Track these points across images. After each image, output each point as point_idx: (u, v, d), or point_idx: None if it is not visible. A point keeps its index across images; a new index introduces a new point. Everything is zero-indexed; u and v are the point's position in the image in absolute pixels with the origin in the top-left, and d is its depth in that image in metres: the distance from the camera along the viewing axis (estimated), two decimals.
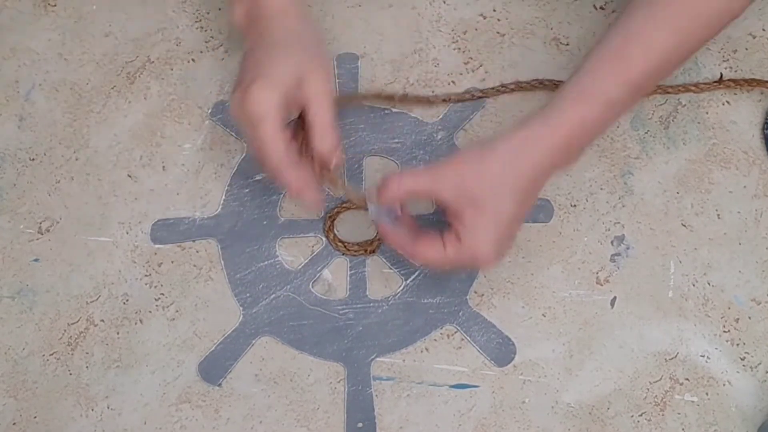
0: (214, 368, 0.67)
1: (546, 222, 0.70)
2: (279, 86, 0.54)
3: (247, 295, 0.68)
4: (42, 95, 0.74)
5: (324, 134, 0.57)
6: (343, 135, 0.71)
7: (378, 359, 0.67)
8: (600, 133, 0.62)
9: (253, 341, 0.67)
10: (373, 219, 0.58)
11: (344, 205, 0.70)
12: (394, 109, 0.73)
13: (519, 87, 0.72)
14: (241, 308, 0.68)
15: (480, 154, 0.57)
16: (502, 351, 0.67)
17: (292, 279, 0.69)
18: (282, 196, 0.71)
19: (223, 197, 0.71)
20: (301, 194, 0.58)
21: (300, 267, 0.69)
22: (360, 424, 0.65)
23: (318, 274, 0.69)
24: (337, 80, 0.73)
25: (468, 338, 0.67)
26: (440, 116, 0.73)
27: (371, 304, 0.68)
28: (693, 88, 0.72)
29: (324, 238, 0.70)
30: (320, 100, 0.57)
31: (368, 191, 0.57)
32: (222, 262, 0.69)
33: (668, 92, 0.72)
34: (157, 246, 0.70)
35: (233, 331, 0.68)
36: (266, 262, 0.69)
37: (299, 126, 0.59)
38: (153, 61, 0.75)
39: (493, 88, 0.73)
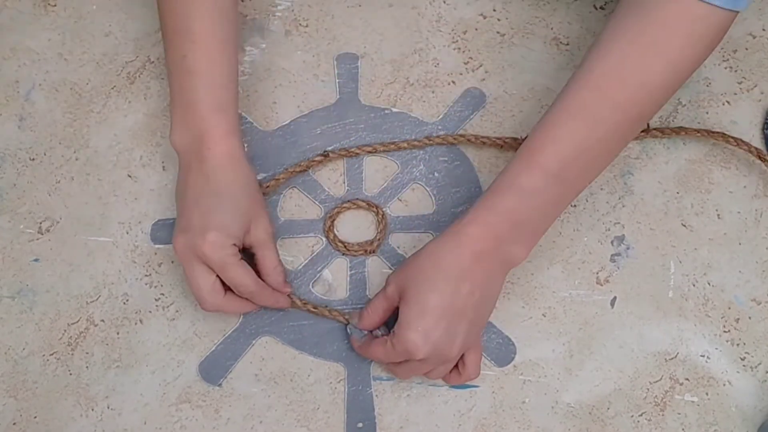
0: (214, 368, 0.67)
1: None
2: (234, 236, 0.62)
3: None
4: (42, 95, 0.74)
5: (273, 273, 0.65)
6: (344, 135, 0.72)
7: None
8: (534, 221, 0.61)
9: (253, 341, 0.67)
10: (349, 334, 0.66)
11: (344, 205, 0.70)
12: (394, 109, 0.73)
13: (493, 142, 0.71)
14: None
15: (415, 255, 0.62)
16: (502, 351, 0.67)
17: (292, 279, 0.68)
18: (282, 196, 0.71)
19: None
20: (278, 306, 0.66)
21: (300, 267, 0.69)
22: (360, 424, 0.65)
23: (318, 274, 0.69)
24: (337, 80, 0.73)
25: None
26: (440, 116, 0.73)
27: None
28: None
29: (324, 238, 0.70)
30: (265, 245, 0.65)
31: (351, 317, 0.66)
32: None
33: None
34: (157, 246, 0.70)
35: (233, 331, 0.68)
36: None
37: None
38: (153, 61, 0.75)
39: (463, 137, 0.71)
